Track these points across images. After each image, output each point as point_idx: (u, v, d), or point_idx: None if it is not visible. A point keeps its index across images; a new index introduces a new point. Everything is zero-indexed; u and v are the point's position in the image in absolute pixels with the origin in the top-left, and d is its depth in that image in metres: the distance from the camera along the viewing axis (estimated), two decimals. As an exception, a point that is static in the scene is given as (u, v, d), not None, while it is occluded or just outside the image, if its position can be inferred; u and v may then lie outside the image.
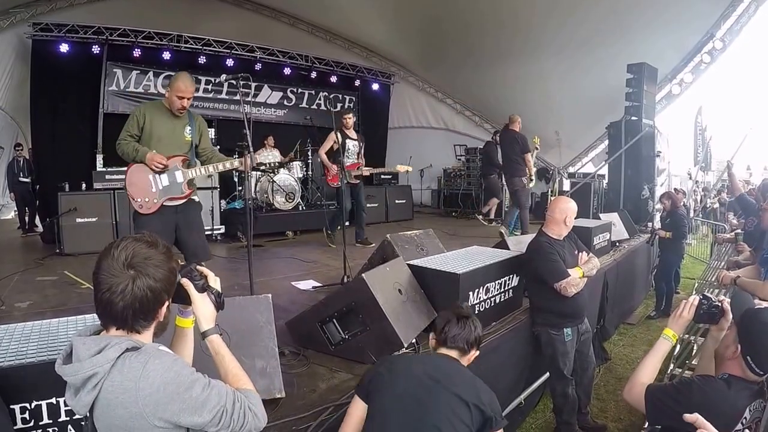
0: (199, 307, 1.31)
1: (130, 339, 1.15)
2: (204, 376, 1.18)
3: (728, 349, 1.70)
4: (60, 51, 7.65)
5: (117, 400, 1.08)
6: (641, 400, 1.74)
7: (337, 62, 10.97)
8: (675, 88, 9.17)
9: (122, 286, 1.12)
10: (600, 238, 5.32)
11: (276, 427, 2.01)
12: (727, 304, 1.84)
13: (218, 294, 1.34)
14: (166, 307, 1.23)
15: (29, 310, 3.65)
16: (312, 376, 2.53)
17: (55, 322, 1.97)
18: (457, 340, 1.89)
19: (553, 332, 3.20)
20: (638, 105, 7.91)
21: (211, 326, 1.31)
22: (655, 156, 8.41)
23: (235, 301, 2.28)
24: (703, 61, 8.58)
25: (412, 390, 1.66)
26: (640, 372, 1.85)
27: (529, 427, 3.58)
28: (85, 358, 1.10)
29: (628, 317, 5.93)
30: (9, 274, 4.77)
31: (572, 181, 9.50)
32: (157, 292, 1.16)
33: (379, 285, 2.65)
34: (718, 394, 1.60)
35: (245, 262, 3.51)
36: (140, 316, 1.16)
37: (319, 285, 4.36)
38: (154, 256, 1.18)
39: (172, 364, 1.13)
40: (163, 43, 8.63)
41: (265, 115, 10.03)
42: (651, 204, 8.01)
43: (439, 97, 12.19)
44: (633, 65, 7.90)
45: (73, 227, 5.95)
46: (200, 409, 1.12)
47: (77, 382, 1.11)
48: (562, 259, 3.13)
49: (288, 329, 2.96)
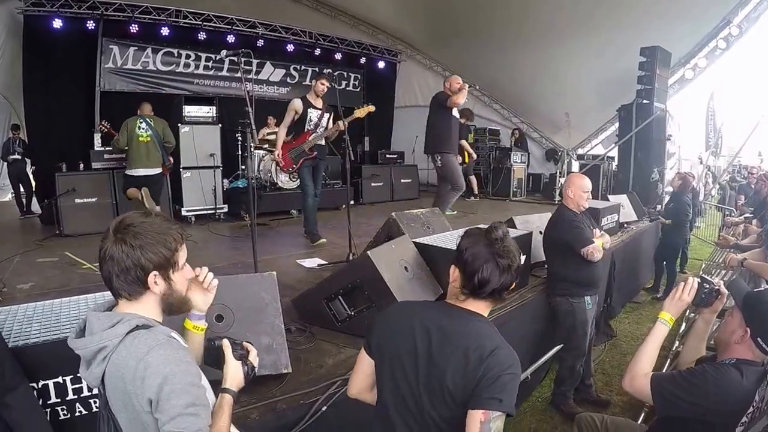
0: (230, 370, 1.32)
1: (141, 316, 1.18)
2: (203, 395, 1.15)
3: (734, 334, 1.68)
4: (53, 27, 7.37)
5: (119, 374, 1.10)
6: (646, 392, 1.68)
7: (341, 39, 10.77)
8: (688, 73, 8.96)
9: (105, 251, 1.17)
10: (608, 219, 5.27)
11: (284, 401, 2.01)
12: (724, 288, 1.82)
13: (252, 368, 1.36)
14: (161, 278, 1.21)
15: (32, 292, 3.60)
16: (319, 352, 2.51)
17: (58, 303, 1.93)
18: (495, 292, 1.39)
19: (574, 300, 3.29)
20: (650, 88, 7.80)
21: (233, 389, 1.30)
22: (665, 139, 8.31)
23: (239, 280, 2.24)
24: (718, 47, 8.36)
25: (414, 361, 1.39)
26: (639, 361, 1.77)
27: (535, 401, 3.62)
28: (97, 332, 1.14)
29: (635, 296, 5.98)
30: (9, 256, 4.69)
31: (581, 162, 9.40)
32: (135, 257, 1.16)
33: (384, 262, 2.61)
34: (733, 382, 1.58)
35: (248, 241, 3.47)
36: (122, 279, 1.17)
37: (325, 263, 4.32)
38: (141, 225, 1.19)
39: (177, 361, 1.11)
40: (161, 18, 8.34)
41: (267, 93, 9.84)
42: (660, 187, 7.93)
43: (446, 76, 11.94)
44: (646, 48, 7.77)
45: (73, 208, 5.84)
46: (170, 418, 1.07)
47: (88, 355, 1.15)
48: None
49: (294, 306, 2.94)
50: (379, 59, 11.65)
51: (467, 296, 1.41)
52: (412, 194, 9.71)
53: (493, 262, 1.36)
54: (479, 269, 1.36)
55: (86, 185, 5.99)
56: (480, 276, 1.36)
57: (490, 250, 1.37)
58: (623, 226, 5.91)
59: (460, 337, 1.35)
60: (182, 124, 6.80)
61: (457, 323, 1.39)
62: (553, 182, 9.39)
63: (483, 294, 1.38)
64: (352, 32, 11.22)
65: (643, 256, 6.21)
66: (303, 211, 5.39)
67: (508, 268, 1.37)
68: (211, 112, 7.11)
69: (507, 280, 1.38)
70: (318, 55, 10.51)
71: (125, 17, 7.98)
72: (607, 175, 8.98)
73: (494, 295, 1.39)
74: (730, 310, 1.78)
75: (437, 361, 1.35)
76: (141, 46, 8.25)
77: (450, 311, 1.43)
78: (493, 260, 1.36)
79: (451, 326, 1.38)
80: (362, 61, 11.36)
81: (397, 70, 12.25)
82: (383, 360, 1.47)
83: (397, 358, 1.42)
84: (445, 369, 1.33)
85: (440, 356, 1.35)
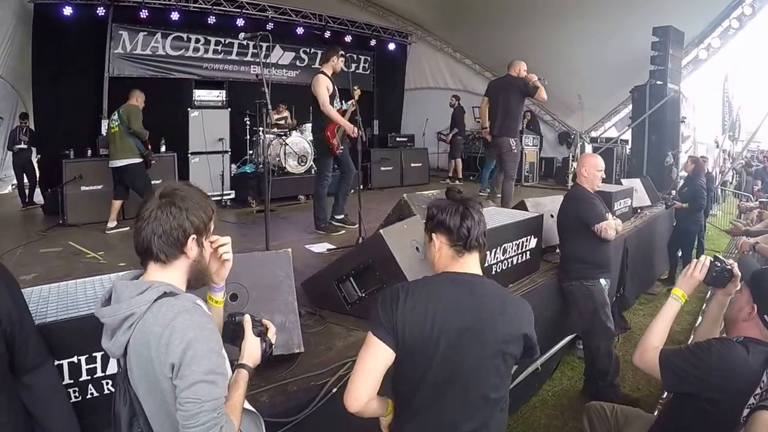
0: (249, 345, 1.35)
1: (168, 284, 1.20)
2: (223, 364, 1.17)
3: (742, 311, 1.69)
4: (63, 14, 7.32)
5: (144, 340, 1.11)
6: (655, 366, 1.70)
7: (351, 21, 10.65)
8: (702, 53, 8.75)
9: (149, 212, 1.20)
10: (621, 203, 5.17)
11: (295, 383, 2.02)
12: (737, 269, 1.81)
13: (270, 345, 1.38)
14: (196, 244, 1.25)
15: (35, 282, 3.56)
16: (329, 335, 2.52)
17: (73, 284, 1.95)
18: (480, 238, 1.49)
19: (588, 283, 3.29)
20: (663, 69, 7.63)
21: (249, 364, 1.32)
22: (679, 122, 8.14)
23: (255, 257, 2.26)
24: (731, 27, 8.16)
25: (451, 342, 1.38)
26: (650, 336, 1.81)
27: (546, 395, 3.53)
28: (125, 299, 1.16)
29: (650, 287, 5.82)
30: (12, 247, 4.65)
31: (594, 145, 9.24)
32: (180, 219, 1.21)
33: (396, 242, 2.59)
34: (737, 358, 1.57)
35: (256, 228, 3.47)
36: (164, 240, 1.20)
37: (334, 247, 4.31)
38: (185, 190, 1.26)
39: (201, 326, 1.13)
40: (171, 3, 8.27)
41: (276, 77, 9.74)
42: (675, 171, 7.79)
43: (457, 58, 11.76)
44: (658, 28, 7.58)
45: (78, 196, 5.77)
46: (189, 384, 1.07)
47: (114, 323, 1.16)
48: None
49: (303, 290, 2.93)
50: (389, 41, 11.50)
51: (462, 251, 1.48)
52: (422, 179, 9.62)
53: (466, 210, 1.49)
54: (461, 220, 1.48)
55: (94, 172, 5.92)
56: (465, 224, 1.47)
57: (457, 204, 1.51)
58: (636, 211, 5.82)
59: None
60: (192, 109, 6.78)
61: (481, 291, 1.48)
62: (566, 166, 9.18)
63: (472, 241, 1.48)
64: (362, 14, 11.07)
65: (658, 244, 6.09)
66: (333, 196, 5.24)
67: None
68: (221, 96, 7.13)
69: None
70: (328, 38, 10.39)
71: (135, 3, 7.95)
72: (621, 159, 8.83)
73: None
74: (741, 286, 1.78)
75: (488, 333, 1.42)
76: (151, 31, 8.21)
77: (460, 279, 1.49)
78: (466, 209, 1.49)
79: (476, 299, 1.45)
80: (372, 43, 11.23)
81: (408, 52, 12.10)
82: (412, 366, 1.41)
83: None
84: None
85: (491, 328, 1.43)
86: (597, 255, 3.27)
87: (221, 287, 1.42)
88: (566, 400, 3.46)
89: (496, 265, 3.09)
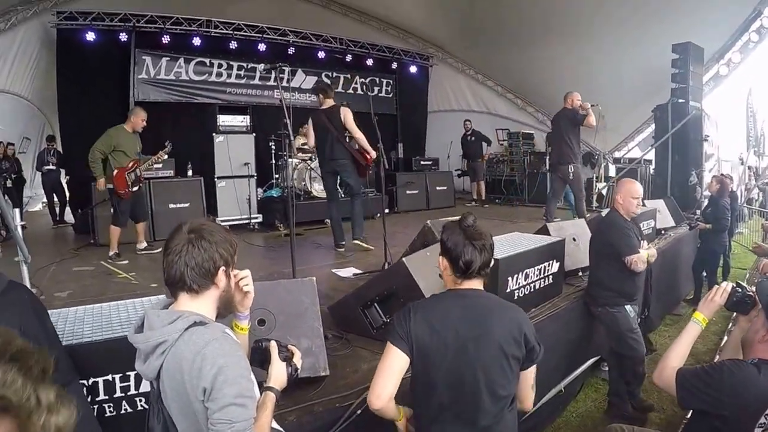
0: (275, 369, 1.43)
1: (198, 314, 1.28)
2: (251, 388, 1.24)
3: (757, 334, 1.71)
4: (86, 39, 7.52)
5: (177, 365, 1.20)
6: (671, 384, 1.75)
7: (372, 44, 10.67)
8: (723, 69, 8.67)
9: (180, 246, 1.29)
10: (644, 225, 5.10)
11: (321, 404, 2.08)
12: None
13: (295, 369, 1.46)
14: (225, 276, 1.34)
15: (69, 300, 3.67)
16: (354, 358, 2.58)
17: (107, 306, 2.05)
18: (480, 269, 1.65)
19: (613, 310, 3.27)
20: (685, 87, 7.60)
21: (276, 387, 1.40)
22: (702, 140, 8.04)
23: (281, 285, 2.34)
24: (751, 40, 8.07)
25: (459, 347, 1.57)
26: (669, 356, 1.86)
27: (570, 416, 3.51)
28: (158, 328, 1.25)
29: (675, 308, 5.70)
30: (45, 264, 4.76)
31: (618, 166, 9.16)
32: (211, 252, 1.30)
33: (419, 270, 2.64)
34: (748, 378, 1.60)
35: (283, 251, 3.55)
36: (196, 271, 1.29)
37: (360, 272, 4.35)
38: (212, 226, 1.36)
39: (231, 354, 1.21)
40: (192, 28, 8.45)
41: (299, 101, 9.58)
42: (699, 190, 7.67)
43: (479, 80, 11.84)
44: (678, 45, 7.56)
45: (108, 218, 5.61)
46: (220, 407, 1.15)
47: (148, 349, 1.25)
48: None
49: (330, 314, 3.01)
50: (411, 63, 11.46)
51: (461, 278, 1.66)
52: (448, 202, 9.61)
53: (470, 245, 1.62)
54: (462, 254, 1.62)
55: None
56: (464, 259, 1.62)
57: (465, 235, 1.64)
58: (660, 233, 5.75)
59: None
60: (216, 134, 6.90)
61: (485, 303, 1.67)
62: (590, 187, 9.08)
63: (472, 273, 1.64)
64: (383, 37, 11.23)
65: (682, 265, 5.99)
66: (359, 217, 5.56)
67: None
68: (245, 121, 7.21)
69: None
70: (349, 62, 10.47)
71: (157, 28, 8.12)
72: (645, 179, 8.72)
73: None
74: (757, 310, 1.79)
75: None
76: (173, 57, 8.39)
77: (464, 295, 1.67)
78: (470, 243, 1.63)
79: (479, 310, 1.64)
80: (394, 66, 11.21)
81: (430, 75, 12.11)
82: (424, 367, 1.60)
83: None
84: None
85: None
86: (626, 285, 3.25)
87: (246, 315, 1.51)
88: (590, 422, 3.43)
89: (518, 290, 3.10)
